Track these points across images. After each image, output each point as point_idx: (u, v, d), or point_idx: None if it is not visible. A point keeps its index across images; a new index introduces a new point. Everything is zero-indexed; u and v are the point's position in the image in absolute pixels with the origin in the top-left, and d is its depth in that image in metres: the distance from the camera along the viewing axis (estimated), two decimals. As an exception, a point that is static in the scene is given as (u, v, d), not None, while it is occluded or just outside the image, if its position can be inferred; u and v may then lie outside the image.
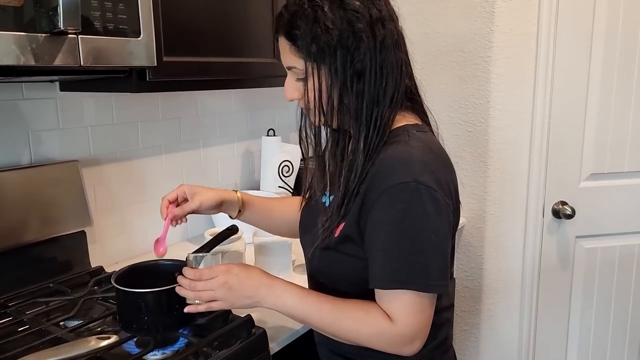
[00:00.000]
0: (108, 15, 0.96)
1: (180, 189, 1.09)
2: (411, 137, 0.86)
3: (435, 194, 0.81)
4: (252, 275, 0.91)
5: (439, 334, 0.97)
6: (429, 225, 0.81)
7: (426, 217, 0.80)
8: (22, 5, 0.84)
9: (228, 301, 0.91)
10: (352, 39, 0.82)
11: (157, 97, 1.58)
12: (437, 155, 0.88)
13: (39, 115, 1.30)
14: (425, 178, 0.81)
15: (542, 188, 1.78)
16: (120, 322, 1.02)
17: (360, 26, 0.82)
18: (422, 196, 0.80)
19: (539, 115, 1.73)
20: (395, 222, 0.81)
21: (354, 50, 0.82)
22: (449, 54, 1.79)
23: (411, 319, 0.82)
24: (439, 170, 0.85)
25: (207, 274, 0.91)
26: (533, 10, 1.67)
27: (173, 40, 1.16)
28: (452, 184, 0.89)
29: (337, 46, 0.82)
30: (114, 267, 1.37)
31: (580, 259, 1.85)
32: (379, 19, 0.84)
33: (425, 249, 0.81)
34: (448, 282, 0.86)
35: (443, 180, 0.84)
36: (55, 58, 0.90)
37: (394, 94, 0.86)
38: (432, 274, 0.81)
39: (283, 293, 0.89)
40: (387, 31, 0.85)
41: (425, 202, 0.80)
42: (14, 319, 1.11)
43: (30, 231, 1.22)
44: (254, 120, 1.93)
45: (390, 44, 0.85)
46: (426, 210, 0.80)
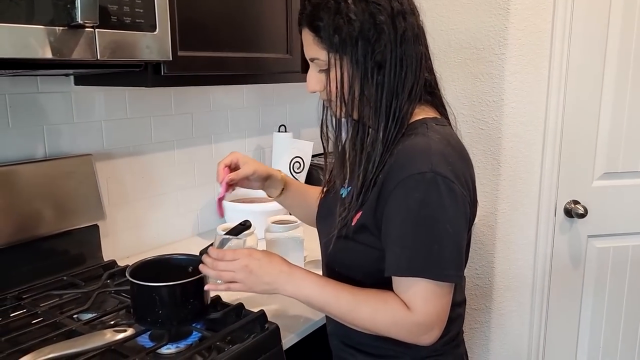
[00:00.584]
0: (125, 9, 0.97)
1: (233, 156, 1.11)
2: (430, 130, 0.87)
3: (452, 185, 0.82)
4: (273, 262, 0.93)
5: (452, 328, 0.97)
6: (445, 215, 0.81)
7: (442, 208, 0.81)
8: (40, -2, 0.85)
9: (247, 284, 0.92)
10: (373, 30, 0.83)
11: (170, 92, 1.58)
12: (455, 148, 0.89)
13: (54, 109, 1.31)
14: (442, 169, 0.81)
15: (555, 187, 1.77)
16: (135, 316, 1.02)
17: (382, 18, 0.83)
18: (439, 186, 0.80)
19: (553, 113, 1.72)
20: (411, 212, 0.82)
21: (375, 41, 0.83)
22: (463, 51, 1.78)
23: (429, 307, 0.83)
24: (456, 163, 0.85)
25: (230, 255, 0.94)
26: (548, 7, 1.65)
27: (188, 34, 1.16)
28: (469, 177, 0.90)
29: (359, 37, 0.83)
30: (126, 260, 1.38)
31: (592, 258, 1.83)
32: (400, 12, 0.84)
33: (441, 239, 0.81)
34: (463, 274, 0.87)
35: (460, 173, 0.85)
36: (73, 52, 0.90)
37: (413, 87, 0.87)
38: (447, 264, 0.82)
39: (302, 281, 0.90)
40: (408, 24, 0.85)
41: (442, 192, 0.81)
42: (28, 312, 1.11)
43: (44, 224, 1.23)
44: (266, 116, 1.93)
45: (410, 37, 0.86)
46: (443, 200, 0.81)
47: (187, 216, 1.69)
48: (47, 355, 0.87)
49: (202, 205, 1.73)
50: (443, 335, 0.91)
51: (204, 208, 1.73)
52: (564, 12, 1.64)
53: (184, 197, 1.67)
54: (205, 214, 1.74)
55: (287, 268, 0.92)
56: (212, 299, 1.11)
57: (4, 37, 0.81)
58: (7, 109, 1.22)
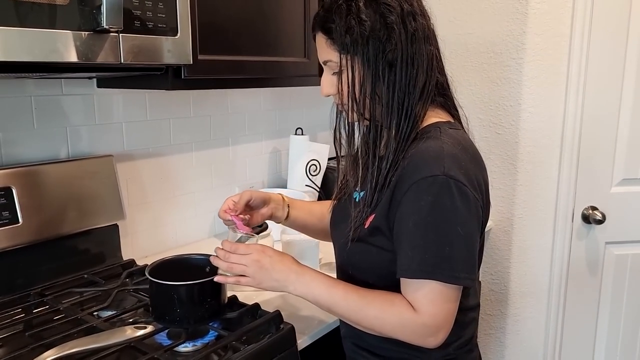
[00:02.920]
0: (148, 14, 0.99)
1: (229, 200, 1.14)
2: (443, 133, 0.88)
3: (465, 188, 0.82)
4: (284, 260, 0.95)
5: (465, 333, 0.98)
6: (456, 218, 0.82)
7: (454, 211, 0.82)
8: (68, 4, 0.87)
9: (256, 279, 0.94)
10: (384, 30, 0.85)
11: (189, 95, 1.61)
12: (468, 152, 0.89)
13: (77, 111, 1.34)
14: (454, 172, 0.82)
15: (572, 192, 1.75)
16: (153, 314, 1.04)
17: (392, 18, 0.85)
18: (451, 189, 0.81)
19: (570, 119, 1.71)
20: (423, 214, 0.82)
21: (385, 41, 0.85)
22: (480, 55, 1.78)
23: (436, 309, 0.83)
24: (468, 166, 0.86)
25: (243, 249, 0.96)
26: (567, 12, 1.65)
27: (208, 39, 1.19)
28: (482, 180, 0.90)
29: (370, 37, 0.85)
30: (144, 260, 1.41)
31: (610, 265, 1.81)
32: (410, 12, 0.86)
33: (452, 242, 0.82)
34: (475, 277, 0.86)
35: (473, 176, 0.86)
36: (98, 56, 0.93)
37: (425, 86, 0.89)
38: (458, 266, 0.82)
39: (312, 281, 0.92)
40: (418, 24, 0.87)
41: (454, 195, 0.81)
42: (50, 308, 1.14)
43: (66, 223, 1.26)
44: (283, 119, 1.94)
45: (421, 37, 0.87)
46: (454, 203, 0.81)
47: (205, 217, 1.71)
48: (70, 350, 0.89)
49: (219, 206, 1.74)
50: (455, 340, 0.93)
51: (221, 209, 1.75)
52: (583, 16, 1.64)
53: (202, 199, 1.69)
54: (222, 215, 1.76)
55: (297, 267, 0.94)
56: (229, 299, 1.12)
57: (32, 42, 0.84)
58: (32, 110, 1.25)
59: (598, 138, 1.72)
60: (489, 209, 0.96)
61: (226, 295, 1.09)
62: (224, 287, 1.07)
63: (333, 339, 1.19)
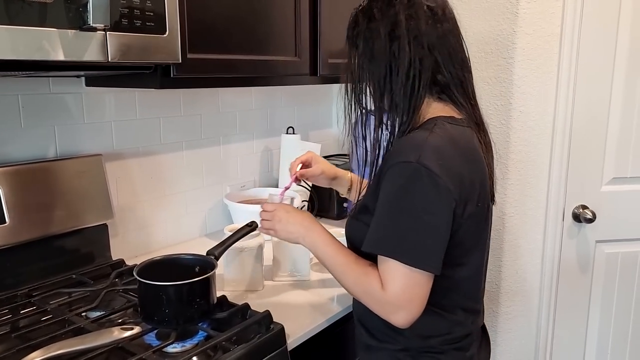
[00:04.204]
0: (136, 13, 0.98)
1: (309, 155, 1.30)
2: (437, 126, 0.91)
3: (436, 178, 0.84)
4: (299, 216, 1.08)
5: (455, 330, 0.99)
6: (422, 205, 0.85)
7: (421, 197, 0.85)
8: (53, 1, 0.86)
9: (276, 230, 1.10)
10: (368, 32, 0.95)
11: (179, 93, 1.60)
12: (458, 147, 0.91)
13: (65, 110, 1.32)
14: (429, 161, 0.85)
15: (563, 191, 1.76)
16: (142, 314, 1.04)
17: (373, 24, 0.94)
18: (421, 177, 0.84)
19: (561, 118, 1.71)
20: (392, 197, 0.88)
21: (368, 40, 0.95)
22: (471, 55, 1.76)
23: (397, 289, 0.87)
24: (452, 160, 0.88)
25: (270, 207, 1.12)
26: (557, 12, 1.65)
27: (197, 37, 1.18)
28: (467, 175, 0.90)
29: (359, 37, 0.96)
30: (134, 260, 1.40)
31: (601, 263, 1.82)
32: (390, 15, 0.93)
33: (417, 227, 0.85)
34: (439, 265, 0.87)
35: (453, 170, 0.87)
36: (84, 54, 0.92)
37: (408, 82, 0.93)
38: (420, 251, 0.85)
39: (318, 237, 1.03)
40: (400, 26, 0.92)
41: (424, 183, 0.84)
42: (38, 309, 1.13)
43: (54, 223, 1.25)
44: (274, 117, 1.94)
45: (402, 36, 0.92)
46: (423, 191, 0.85)
47: (195, 217, 1.71)
48: (56, 352, 0.88)
49: (210, 205, 1.74)
50: (443, 334, 0.95)
51: (212, 209, 1.75)
52: (573, 16, 1.64)
53: (193, 198, 1.68)
54: (213, 214, 1.76)
55: (308, 223, 1.06)
56: (219, 299, 1.12)
57: (18, 40, 0.83)
58: (20, 109, 1.24)
59: (588, 137, 1.73)
60: (484, 210, 0.97)
61: (215, 295, 1.08)
62: (213, 287, 1.07)
63: (323, 339, 1.19)
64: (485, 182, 0.96)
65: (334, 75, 1.63)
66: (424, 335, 0.96)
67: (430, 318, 0.94)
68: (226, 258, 1.26)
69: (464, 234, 0.92)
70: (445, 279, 0.92)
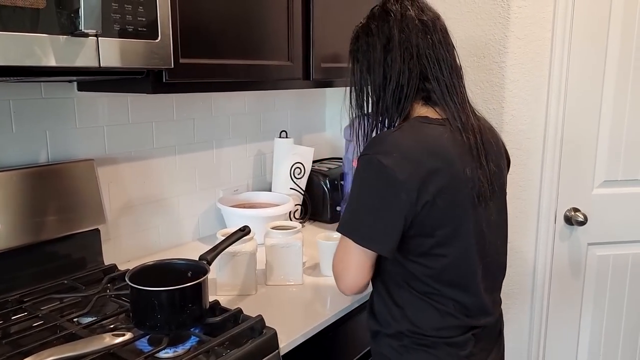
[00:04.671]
0: (128, 18, 0.98)
1: None
2: (407, 125, 1.01)
3: (388, 170, 0.93)
4: None
5: (446, 322, 1.01)
6: (368, 190, 0.97)
7: (371, 186, 0.96)
8: (44, 7, 0.86)
9: None
10: (365, 46, 1.06)
11: (172, 97, 1.60)
12: (423, 144, 0.97)
13: (57, 115, 1.32)
14: (383, 155, 0.95)
15: (555, 194, 1.77)
16: (134, 320, 1.03)
17: (370, 39, 1.05)
18: (372, 167, 0.95)
19: (552, 121, 1.72)
20: (353, 185, 1.00)
21: (366, 53, 1.06)
22: (463, 59, 1.76)
23: (337, 258, 1.03)
24: (410, 153, 0.95)
25: None
26: (548, 16, 1.66)
27: (190, 42, 1.18)
28: (426, 170, 0.94)
29: (359, 50, 1.08)
30: (127, 265, 1.39)
31: (592, 266, 1.83)
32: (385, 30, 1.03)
33: (361, 209, 0.98)
34: (384, 246, 0.97)
35: (410, 163, 0.94)
36: (76, 59, 0.92)
37: (397, 88, 1.03)
38: (362, 230, 0.97)
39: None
40: (394, 40, 1.02)
41: (375, 173, 0.95)
42: (29, 315, 1.13)
43: (46, 228, 1.24)
44: (267, 121, 1.94)
45: (395, 48, 1.02)
46: (373, 180, 0.96)
47: (188, 221, 1.70)
48: (47, 359, 0.88)
49: (203, 210, 1.74)
50: (433, 324, 1.01)
51: (205, 213, 1.75)
52: (564, 21, 1.65)
53: (186, 202, 1.68)
54: (206, 219, 1.75)
55: None
56: (211, 304, 1.12)
57: (9, 45, 0.83)
58: (11, 114, 1.24)
59: (579, 140, 1.74)
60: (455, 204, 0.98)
61: (208, 300, 1.08)
62: (206, 292, 1.06)
63: (316, 343, 1.19)
64: (458, 176, 0.97)
65: (327, 80, 1.64)
66: (412, 321, 1.02)
67: (420, 304, 1.02)
68: (219, 263, 1.26)
69: (427, 224, 0.96)
70: (423, 267, 1.00)
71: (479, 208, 1.01)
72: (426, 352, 1.02)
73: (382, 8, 1.06)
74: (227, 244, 1.19)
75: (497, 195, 1.07)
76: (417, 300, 1.02)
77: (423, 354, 1.03)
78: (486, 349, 1.09)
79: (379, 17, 1.05)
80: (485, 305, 1.07)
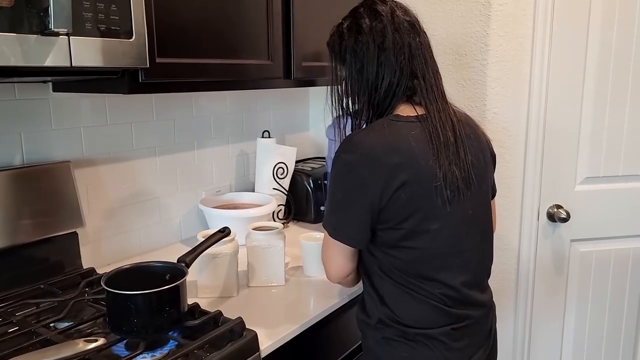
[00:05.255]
0: (100, 17, 0.96)
1: None
2: (376, 123, 1.04)
3: (354, 165, 0.99)
4: None
5: (426, 313, 1.03)
6: (340, 186, 1.02)
7: (340, 182, 1.02)
8: (13, 6, 0.84)
9: None
10: (356, 45, 1.06)
11: (151, 98, 1.58)
12: (386, 140, 1.00)
13: (32, 116, 1.30)
14: (349, 151, 1.00)
15: (537, 191, 1.78)
16: (110, 324, 1.01)
17: (361, 37, 1.06)
18: (341, 164, 1.01)
19: (534, 119, 1.73)
20: (329, 182, 1.07)
21: (357, 52, 1.06)
22: (445, 57, 1.79)
23: (322, 251, 1.11)
24: (373, 150, 0.98)
25: None
26: (528, 14, 1.67)
27: (166, 41, 1.16)
28: (388, 166, 0.97)
29: (347, 50, 1.08)
30: (106, 268, 1.37)
31: (575, 262, 1.84)
32: (379, 30, 1.04)
33: (332, 204, 1.04)
34: (353, 238, 1.04)
35: (373, 159, 0.98)
36: (46, 59, 0.90)
37: (390, 87, 1.05)
38: (334, 223, 1.05)
39: None
40: (387, 39, 1.04)
41: (342, 169, 1.01)
42: (3, 320, 1.10)
43: (21, 232, 1.21)
44: (249, 121, 1.92)
45: (389, 48, 1.04)
46: (341, 175, 1.01)
47: (171, 222, 1.68)
48: (17, 366, 0.86)
49: (184, 211, 1.72)
50: (412, 313, 1.04)
51: (186, 215, 1.73)
52: (544, 18, 1.66)
53: (167, 204, 1.66)
54: (188, 220, 1.73)
55: None
56: (190, 307, 1.10)
57: (-25, 45, 0.81)
58: (-16, 116, 1.21)
59: (561, 138, 1.75)
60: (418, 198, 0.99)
61: (186, 303, 1.07)
62: (184, 295, 1.05)
63: (297, 345, 1.18)
64: (422, 171, 0.98)
65: (309, 79, 1.63)
66: (392, 309, 1.05)
67: (398, 293, 1.05)
68: (199, 264, 1.25)
69: (392, 217, 0.99)
70: (394, 258, 1.03)
71: (453, 202, 1.01)
72: (406, 344, 1.04)
73: (370, 8, 1.07)
74: (207, 246, 1.17)
75: (475, 189, 1.06)
76: (395, 290, 1.05)
77: (404, 347, 1.04)
78: (471, 347, 1.08)
79: (369, 16, 1.06)
80: (465, 299, 1.06)
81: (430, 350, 1.03)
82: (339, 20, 1.13)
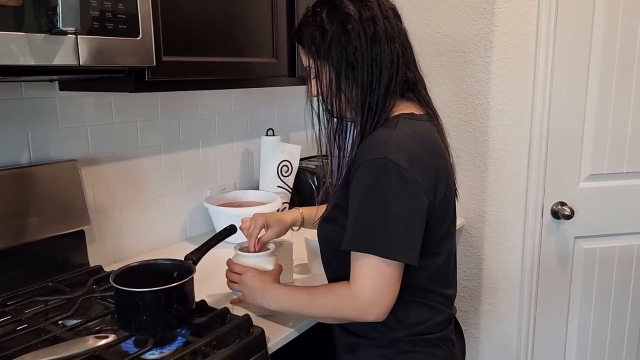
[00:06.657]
0: (107, 15, 0.97)
1: (259, 222, 1.20)
2: (400, 123, 0.94)
3: (404, 171, 0.87)
4: (257, 280, 1.07)
5: (436, 316, 1.01)
6: (391, 198, 0.87)
7: (389, 191, 0.87)
8: (21, 5, 0.84)
9: (247, 297, 1.09)
10: (344, 36, 0.94)
11: (156, 96, 1.58)
12: (422, 141, 0.94)
13: (39, 115, 1.30)
14: (395, 156, 0.88)
15: (541, 188, 1.78)
16: (119, 321, 1.02)
17: (351, 25, 0.93)
18: (388, 172, 0.87)
19: (538, 116, 1.73)
20: (363, 192, 0.90)
21: (346, 45, 0.94)
22: (449, 54, 1.79)
23: (366, 282, 0.89)
24: (417, 153, 0.91)
25: (238, 268, 1.10)
26: (532, 11, 1.67)
27: (172, 39, 1.17)
28: (437, 169, 0.93)
29: (332, 44, 0.95)
30: (113, 266, 1.38)
31: (579, 259, 1.85)
32: (369, 17, 0.94)
33: (387, 220, 0.88)
34: (414, 255, 0.90)
35: (421, 163, 0.90)
36: (55, 58, 0.90)
37: (389, 83, 0.95)
38: (392, 242, 0.87)
39: (273, 293, 1.05)
40: (379, 27, 0.94)
41: (391, 177, 0.87)
42: (12, 318, 1.11)
43: (29, 230, 1.22)
44: (253, 119, 1.93)
45: (382, 37, 0.94)
46: (391, 184, 0.87)
47: (176, 220, 1.69)
48: (29, 363, 0.87)
49: (189, 209, 1.73)
50: (426, 320, 0.98)
51: (191, 212, 1.73)
52: (548, 15, 1.66)
53: (172, 202, 1.67)
54: (193, 218, 1.74)
55: (261, 285, 1.06)
56: (198, 304, 1.11)
57: (-17, 44, 0.81)
58: (-9, 115, 1.22)
59: (565, 135, 1.75)
60: (451, 198, 0.99)
61: (194, 300, 1.07)
62: (192, 292, 1.05)
63: (305, 341, 1.19)
64: (449, 173, 0.99)
65: (313, 77, 1.63)
66: (407, 324, 0.98)
67: (417, 309, 0.98)
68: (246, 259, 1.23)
69: (435, 223, 0.94)
70: (425, 269, 0.95)
71: (454, 201, 1.04)
72: (422, 352, 1.01)
73: None
74: (213, 243, 1.18)
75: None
76: (408, 303, 0.97)
77: (419, 355, 1.00)
78: (459, 338, 1.12)
79: (352, 1, 0.94)
80: (452, 297, 1.08)
81: (443, 351, 1.03)
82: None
